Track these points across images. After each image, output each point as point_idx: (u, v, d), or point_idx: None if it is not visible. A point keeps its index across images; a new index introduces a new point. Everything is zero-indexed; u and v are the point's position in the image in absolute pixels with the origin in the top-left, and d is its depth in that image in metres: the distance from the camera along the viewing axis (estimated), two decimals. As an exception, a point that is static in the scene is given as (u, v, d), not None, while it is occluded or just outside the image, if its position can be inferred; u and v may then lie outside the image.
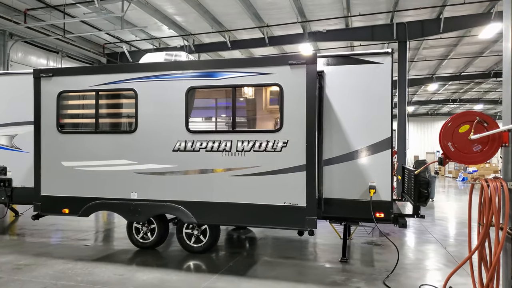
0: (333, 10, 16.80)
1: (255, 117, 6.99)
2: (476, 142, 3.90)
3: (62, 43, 17.60)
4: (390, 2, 15.68)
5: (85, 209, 6.61)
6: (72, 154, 6.67)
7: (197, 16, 16.78)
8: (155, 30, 18.73)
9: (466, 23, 16.46)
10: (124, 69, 6.47)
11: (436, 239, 8.50)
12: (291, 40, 19.13)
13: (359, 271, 6.12)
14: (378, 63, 6.08)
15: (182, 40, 19.88)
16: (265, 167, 5.72)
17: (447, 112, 44.23)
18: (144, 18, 16.70)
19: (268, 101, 6.84)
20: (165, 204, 6.23)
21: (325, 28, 18.24)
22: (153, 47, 20.67)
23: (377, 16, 17.12)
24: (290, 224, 5.68)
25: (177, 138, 6.13)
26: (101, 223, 10.08)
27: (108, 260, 6.61)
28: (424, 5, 15.72)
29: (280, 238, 8.40)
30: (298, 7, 15.93)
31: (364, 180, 6.16)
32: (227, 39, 19.24)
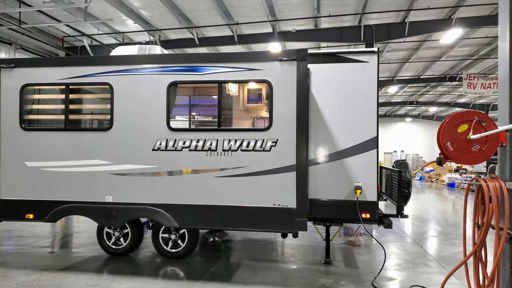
0: (303, 10, 16.82)
1: (243, 115, 6.71)
2: (475, 141, 3.87)
3: (17, 34, 16.41)
4: (358, 4, 15.91)
5: (53, 214, 6.04)
6: (38, 153, 6.08)
7: (165, 11, 16.21)
8: (119, 24, 17.93)
9: (429, 28, 17.03)
10: (99, 61, 5.96)
11: (411, 238, 8.62)
12: (261, 39, 18.98)
13: (344, 273, 6.02)
14: (365, 62, 6.02)
15: (147, 35, 19.18)
16: (254, 167, 5.47)
17: (404, 113, 46.00)
18: (108, 11, 15.89)
19: (256, 98, 6.59)
20: (143, 207, 5.82)
21: (295, 28, 18.26)
22: (117, 41, 19.80)
23: (345, 18, 17.33)
24: (280, 226, 5.47)
25: (158, 137, 5.74)
26: (62, 228, 9.37)
27: (78, 269, 6.11)
28: (390, 8, 16.10)
29: (258, 240, 8.20)
30: (269, 6, 15.78)
31: (349, 181, 6.07)
32: (195, 36, 18.77)
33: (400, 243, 8.15)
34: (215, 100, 5.64)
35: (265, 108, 6.97)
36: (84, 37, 18.63)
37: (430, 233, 9.31)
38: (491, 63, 24.25)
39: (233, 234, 8.69)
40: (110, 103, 5.88)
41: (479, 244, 3.88)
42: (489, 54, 22.16)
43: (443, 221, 10.95)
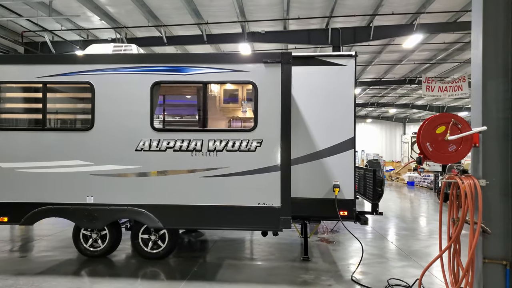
0: (273, 12, 17.05)
1: (227, 115, 6.75)
2: (451, 142, 4.17)
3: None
4: (326, 8, 16.34)
5: (30, 216, 5.83)
6: (13, 154, 5.84)
7: (133, 8, 15.89)
8: (83, 20, 17.38)
9: (392, 33, 17.80)
10: (79, 60, 5.81)
11: (380, 234, 9.01)
12: (230, 39, 19.03)
13: (324, 269, 6.24)
14: (342, 65, 6.26)
15: (113, 32, 18.71)
16: (239, 167, 5.56)
17: (364, 115, 47.51)
18: (72, 6, 15.39)
19: (240, 99, 6.66)
20: (126, 208, 5.75)
21: (264, 29, 18.45)
22: (81, 38, 19.17)
23: (312, 21, 17.73)
24: (264, 225, 5.59)
25: (141, 137, 5.69)
26: (22, 231, 8.96)
27: (55, 272, 5.95)
28: (357, 12, 16.65)
29: (236, 239, 8.28)
30: (239, 6, 15.86)
31: (328, 179, 6.29)
32: (163, 34, 18.52)
33: (370, 239, 8.50)
34: (199, 100, 5.65)
35: (243, 108, 7.07)
36: (46, 32, 17.90)
37: (395, 229, 9.76)
38: (447, 67, 25.65)
39: (210, 234, 8.72)
40: (91, 102, 5.76)
41: (455, 237, 4.19)
42: (446, 59, 23.44)
43: (405, 218, 11.49)
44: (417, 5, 15.88)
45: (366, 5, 15.99)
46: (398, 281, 5.56)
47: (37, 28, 17.52)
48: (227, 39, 19.19)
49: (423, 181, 23.69)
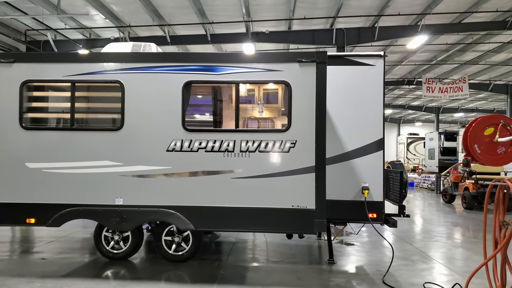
0: (277, 12, 17.01)
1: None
2: (500, 144, 4.15)
3: (-25, 26, 15.26)
4: (331, 8, 16.34)
5: (57, 218, 5.69)
6: (40, 154, 5.70)
7: (137, 7, 15.75)
8: (86, 19, 17.18)
9: (397, 33, 17.87)
10: (108, 58, 5.68)
11: (397, 236, 8.98)
12: (234, 39, 18.96)
13: (352, 272, 6.20)
14: (371, 65, 6.22)
15: (116, 31, 18.51)
16: (272, 168, 5.47)
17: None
18: (76, 5, 15.20)
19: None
20: (157, 210, 5.64)
21: (268, 29, 18.38)
22: (83, 37, 18.97)
23: (316, 21, 17.68)
24: (298, 228, 5.51)
25: (172, 137, 5.59)
26: (45, 232, 8.78)
27: (81, 275, 5.82)
28: (361, 13, 16.67)
29: (253, 241, 8.20)
30: (245, 6, 15.78)
31: (356, 181, 6.25)
32: (166, 34, 18.38)
33: (390, 241, 8.47)
34: (231, 100, 5.57)
35: (259, 109, 6.95)
36: (48, 31, 17.67)
37: (411, 231, 9.74)
38: (446, 69, 25.83)
39: (226, 236, 8.63)
40: (121, 102, 5.63)
41: (506, 242, 4.15)
42: (446, 60, 23.59)
43: (416, 220, 11.49)
44: (422, 6, 15.95)
45: (370, 5, 16.02)
46: (434, 285, 5.48)
47: (40, 26, 17.29)
48: (231, 38, 19.11)
49: (423, 182, 23.80)
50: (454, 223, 11.16)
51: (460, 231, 9.95)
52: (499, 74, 25.99)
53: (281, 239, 8.30)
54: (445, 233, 9.70)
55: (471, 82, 25.76)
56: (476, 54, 21.71)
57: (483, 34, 18.61)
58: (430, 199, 17.82)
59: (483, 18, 16.44)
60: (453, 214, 13.06)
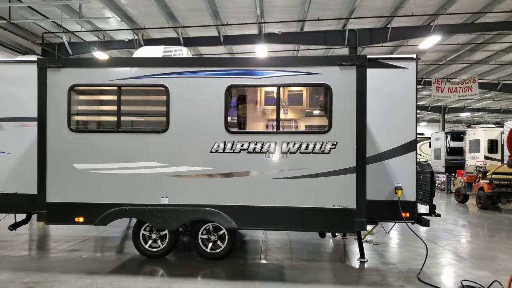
0: (291, 14, 17.19)
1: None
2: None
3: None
4: (343, 9, 16.52)
5: (104, 216, 5.90)
6: (88, 155, 5.90)
7: (153, 9, 15.97)
8: (101, 21, 17.40)
9: (409, 34, 18.01)
10: (154, 63, 5.88)
11: (423, 235, 9.15)
12: (246, 41, 19.13)
13: (386, 270, 6.36)
14: (404, 68, 6.39)
15: (129, 33, 18.72)
16: (313, 169, 5.65)
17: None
18: (93, 8, 15.41)
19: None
20: (201, 209, 5.83)
21: (280, 30, 18.56)
22: (98, 39, 19.21)
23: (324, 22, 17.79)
24: (339, 227, 5.70)
25: (215, 139, 5.78)
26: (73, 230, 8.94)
27: (126, 272, 6.01)
28: (373, 14, 16.84)
29: (280, 239, 8.38)
30: (260, 7, 15.96)
31: (390, 181, 6.40)
32: (180, 35, 18.59)
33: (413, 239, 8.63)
34: (273, 103, 5.76)
35: (284, 110, 7.12)
36: (64, 33, 17.90)
37: (432, 230, 9.86)
38: (455, 68, 25.97)
39: (252, 235, 8.81)
40: (166, 105, 5.83)
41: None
42: (455, 60, 23.72)
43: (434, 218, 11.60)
44: (435, 7, 16.11)
45: (382, 6, 16.19)
46: (471, 283, 5.62)
47: (57, 29, 17.52)
48: (243, 40, 19.28)
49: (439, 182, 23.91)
50: (472, 222, 11.34)
51: (481, 231, 10.13)
52: (508, 74, 26.12)
53: (306, 238, 8.49)
54: (466, 232, 9.88)
55: (479, 82, 25.87)
56: (487, 54, 21.86)
57: (494, 34, 18.75)
58: (442, 199, 17.99)
59: (495, 18, 16.61)
60: (469, 214, 13.24)
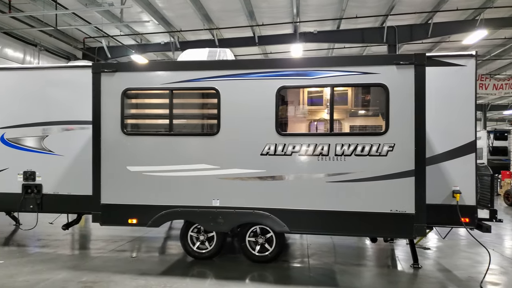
0: (326, 12, 16.93)
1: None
2: None
3: (41, 36, 16.10)
4: (382, 6, 16.09)
5: (157, 218, 5.96)
6: (141, 158, 5.97)
7: (189, 12, 16.13)
8: (138, 25, 17.75)
9: (453, 29, 17.30)
10: (204, 66, 5.88)
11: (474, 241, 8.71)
12: (281, 40, 18.98)
13: (443, 277, 6.07)
14: (462, 66, 6.09)
15: (165, 36, 19.01)
16: (368, 172, 5.46)
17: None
18: (130, 12, 15.72)
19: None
20: (252, 212, 5.78)
21: (316, 29, 18.31)
22: (135, 42, 19.63)
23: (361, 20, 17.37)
24: (397, 232, 5.50)
25: (266, 141, 5.71)
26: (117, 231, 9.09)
27: (176, 273, 6.04)
28: (413, 10, 16.29)
29: (325, 243, 8.19)
30: (296, 6, 15.80)
31: (446, 185, 6.11)
32: (215, 37, 18.69)
33: (463, 245, 8.26)
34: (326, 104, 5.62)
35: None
36: (103, 38, 18.41)
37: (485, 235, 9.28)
38: (499, 64, 24.80)
39: (294, 238, 8.67)
40: (217, 108, 5.81)
41: None
42: (501, 54, 22.64)
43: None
44: (480, 0, 15.44)
45: (424, 1, 15.65)
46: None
47: (97, 34, 18.02)
48: (278, 40, 19.14)
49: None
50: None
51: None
52: (557, 69, 24.72)
53: (350, 242, 8.28)
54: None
55: (526, 78, 24.62)
56: (534, 48, 20.73)
57: (544, 26, 17.74)
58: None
59: (547, 10, 15.71)
60: None
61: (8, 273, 5.92)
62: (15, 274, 5.87)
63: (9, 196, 7.25)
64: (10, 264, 6.41)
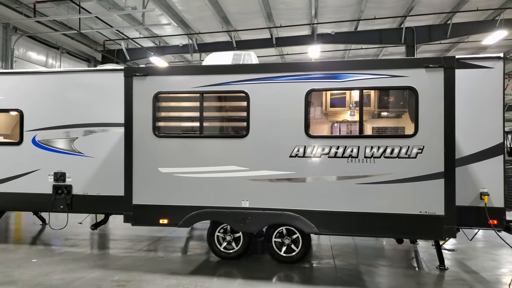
0: (344, 13, 16.92)
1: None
2: None
3: (63, 39, 16.48)
4: (401, 7, 16.04)
5: (188, 219, 6.08)
6: (172, 159, 6.11)
7: (209, 14, 16.30)
8: (157, 28, 17.99)
9: (471, 30, 17.15)
10: (234, 70, 6.00)
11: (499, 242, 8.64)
12: (299, 42, 19.05)
13: (471, 279, 6.03)
14: (489, 68, 6.08)
15: (183, 38, 19.23)
16: (398, 174, 5.50)
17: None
18: (150, 15, 15.95)
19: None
20: (282, 213, 5.87)
21: (334, 30, 18.31)
22: (154, 45, 19.89)
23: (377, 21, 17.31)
24: (426, 234, 5.51)
25: (295, 143, 5.79)
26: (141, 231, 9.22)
27: (205, 273, 6.14)
28: (432, 10, 16.19)
29: (347, 244, 8.21)
30: (315, 8, 15.84)
31: (474, 186, 6.09)
32: (233, 39, 18.85)
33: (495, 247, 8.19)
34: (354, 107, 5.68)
35: (351, 112, 6.94)
36: (122, 40, 18.71)
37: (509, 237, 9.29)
38: (519, 64, 24.42)
39: (314, 238, 8.71)
40: (246, 110, 5.92)
41: None
42: (520, 55, 22.32)
43: None
44: (500, 0, 15.27)
45: (443, 2, 15.55)
46: None
47: (116, 36, 18.33)
48: (296, 41, 19.22)
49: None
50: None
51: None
52: None
53: (373, 243, 8.29)
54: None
55: (547, 78, 24.19)
56: (555, 48, 20.39)
57: None
58: None
59: None
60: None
61: (43, 272, 6.10)
62: (50, 273, 6.05)
63: (40, 196, 7.45)
64: (43, 263, 6.60)
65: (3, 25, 13.53)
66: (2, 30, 13.52)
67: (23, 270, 6.16)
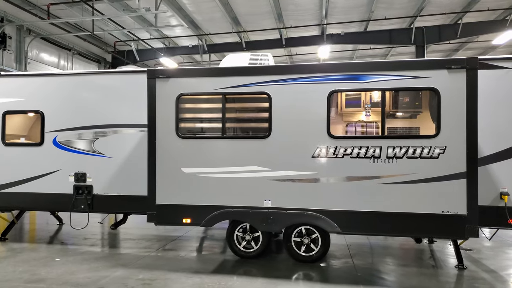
0: (354, 14, 16.95)
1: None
2: None
3: (75, 40, 16.62)
4: (411, 7, 16.04)
5: (210, 218, 6.17)
6: (195, 160, 6.20)
7: (219, 15, 16.38)
8: (167, 29, 18.11)
9: (481, 30, 17.13)
10: (256, 71, 6.07)
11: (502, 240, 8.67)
12: (308, 42, 19.10)
13: (492, 278, 6.07)
14: (509, 68, 6.11)
15: (193, 39, 19.31)
16: (420, 174, 5.56)
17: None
18: (160, 16, 16.06)
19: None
20: (304, 213, 5.93)
21: (343, 31, 18.34)
22: (164, 46, 20.01)
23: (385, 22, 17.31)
24: (448, 233, 5.56)
25: (317, 144, 5.86)
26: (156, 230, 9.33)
27: (226, 272, 6.21)
28: (442, 10, 16.18)
29: (362, 244, 8.25)
30: (325, 9, 15.88)
31: (494, 186, 6.13)
32: (242, 40, 18.92)
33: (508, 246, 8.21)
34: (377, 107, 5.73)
35: (366, 112, 6.98)
36: (132, 42, 18.84)
37: None
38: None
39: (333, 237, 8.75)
40: (268, 111, 6.00)
41: None
42: (530, 55, 22.22)
43: None
44: (510, 0, 15.24)
45: (453, 2, 15.54)
46: None
47: (126, 37, 18.46)
48: (305, 41, 19.26)
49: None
50: None
51: None
52: None
53: (388, 242, 8.33)
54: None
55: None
56: None
57: None
58: None
59: None
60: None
61: (68, 270, 6.21)
62: (75, 271, 6.15)
63: (61, 196, 7.55)
64: (67, 262, 6.71)
65: (17, 27, 13.69)
66: (16, 32, 13.68)
67: (49, 269, 6.26)
